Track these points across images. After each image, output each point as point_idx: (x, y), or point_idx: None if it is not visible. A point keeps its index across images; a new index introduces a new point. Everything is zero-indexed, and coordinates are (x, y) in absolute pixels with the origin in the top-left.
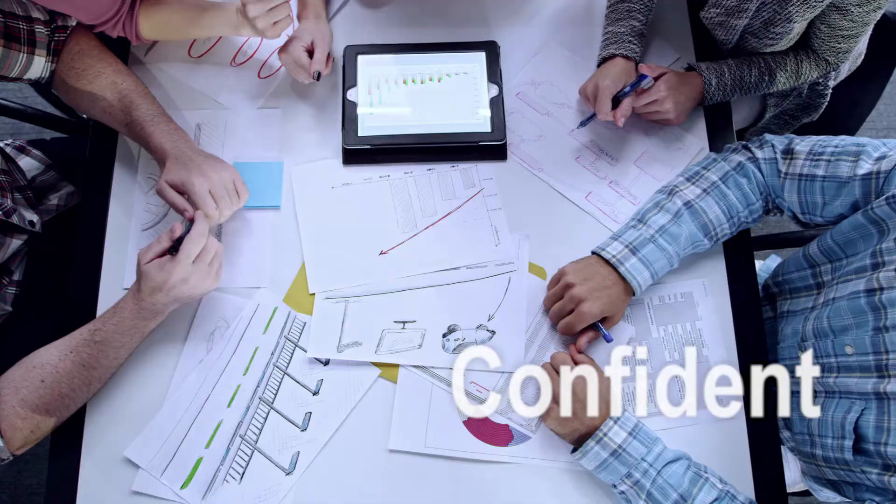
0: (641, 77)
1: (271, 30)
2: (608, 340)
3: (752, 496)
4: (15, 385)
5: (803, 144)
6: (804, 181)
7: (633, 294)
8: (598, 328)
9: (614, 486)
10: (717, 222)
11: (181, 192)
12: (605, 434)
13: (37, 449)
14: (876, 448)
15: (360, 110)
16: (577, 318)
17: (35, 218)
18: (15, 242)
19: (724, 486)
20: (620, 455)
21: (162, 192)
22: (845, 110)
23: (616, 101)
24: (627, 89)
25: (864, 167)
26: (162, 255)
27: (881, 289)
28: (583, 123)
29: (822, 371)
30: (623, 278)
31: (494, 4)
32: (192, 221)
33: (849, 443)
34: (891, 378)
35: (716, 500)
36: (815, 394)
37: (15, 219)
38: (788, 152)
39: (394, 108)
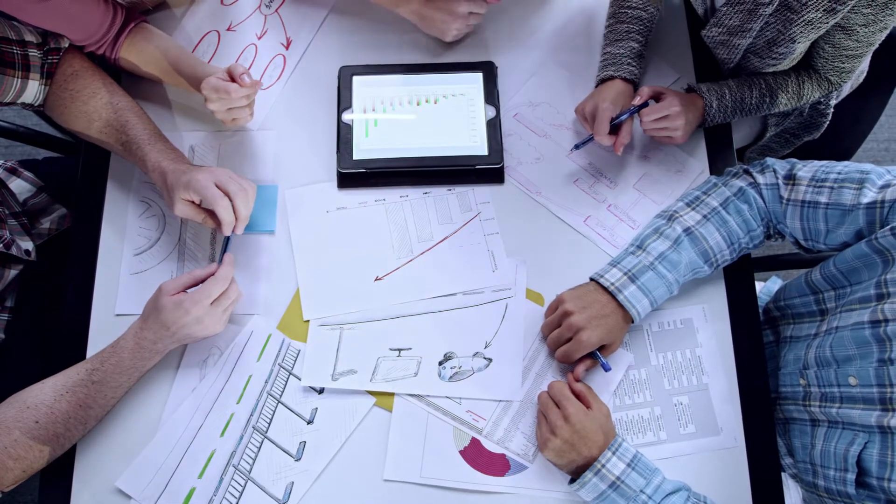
0: (644, 104)
1: (230, 122)
2: (606, 369)
3: None
4: (7, 426)
5: (805, 170)
6: (807, 208)
7: (633, 322)
8: (597, 357)
9: None
10: (717, 249)
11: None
12: (603, 465)
13: None
14: (879, 483)
15: (355, 133)
16: (576, 347)
17: (30, 246)
18: (12, 273)
19: None
20: (619, 487)
21: (186, 216)
22: (847, 127)
23: (614, 127)
24: (626, 115)
25: (869, 196)
26: (188, 287)
27: (886, 320)
28: (577, 146)
29: (825, 400)
30: (622, 306)
31: (491, 24)
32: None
33: (851, 476)
34: (895, 412)
35: None
36: (818, 423)
37: (14, 250)
38: (790, 178)
39: (389, 130)
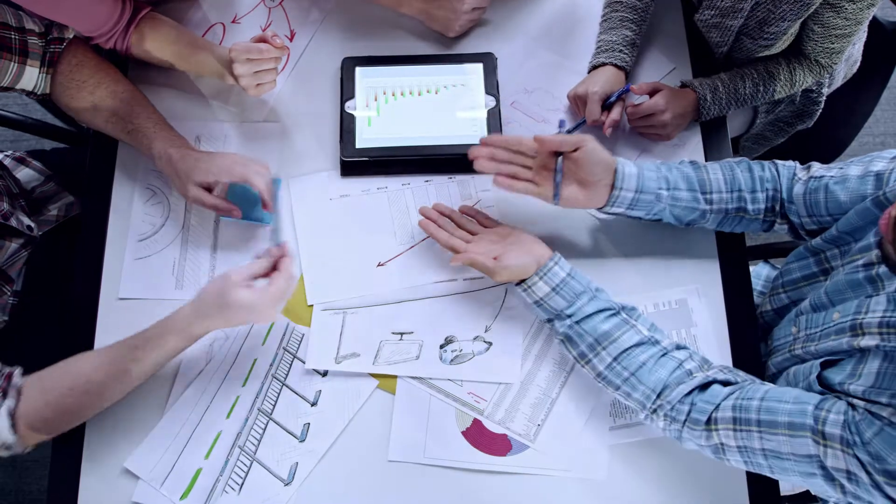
0: (628, 86)
1: (254, 89)
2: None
3: (747, 501)
4: (44, 387)
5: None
6: (813, 180)
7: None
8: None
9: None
10: (715, 185)
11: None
12: (529, 286)
13: (38, 455)
14: (841, 388)
15: (357, 122)
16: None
17: (32, 224)
18: (12, 246)
19: (652, 334)
20: (542, 305)
21: (199, 200)
22: (841, 118)
23: (604, 109)
24: (613, 97)
25: (879, 165)
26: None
27: (879, 262)
28: (569, 131)
29: (807, 341)
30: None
31: (491, 16)
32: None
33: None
34: (865, 335)
35: (638, 343)
36: (797, 362)
37: (13, 222)
38: (807, 168)
39: (391, 119)
